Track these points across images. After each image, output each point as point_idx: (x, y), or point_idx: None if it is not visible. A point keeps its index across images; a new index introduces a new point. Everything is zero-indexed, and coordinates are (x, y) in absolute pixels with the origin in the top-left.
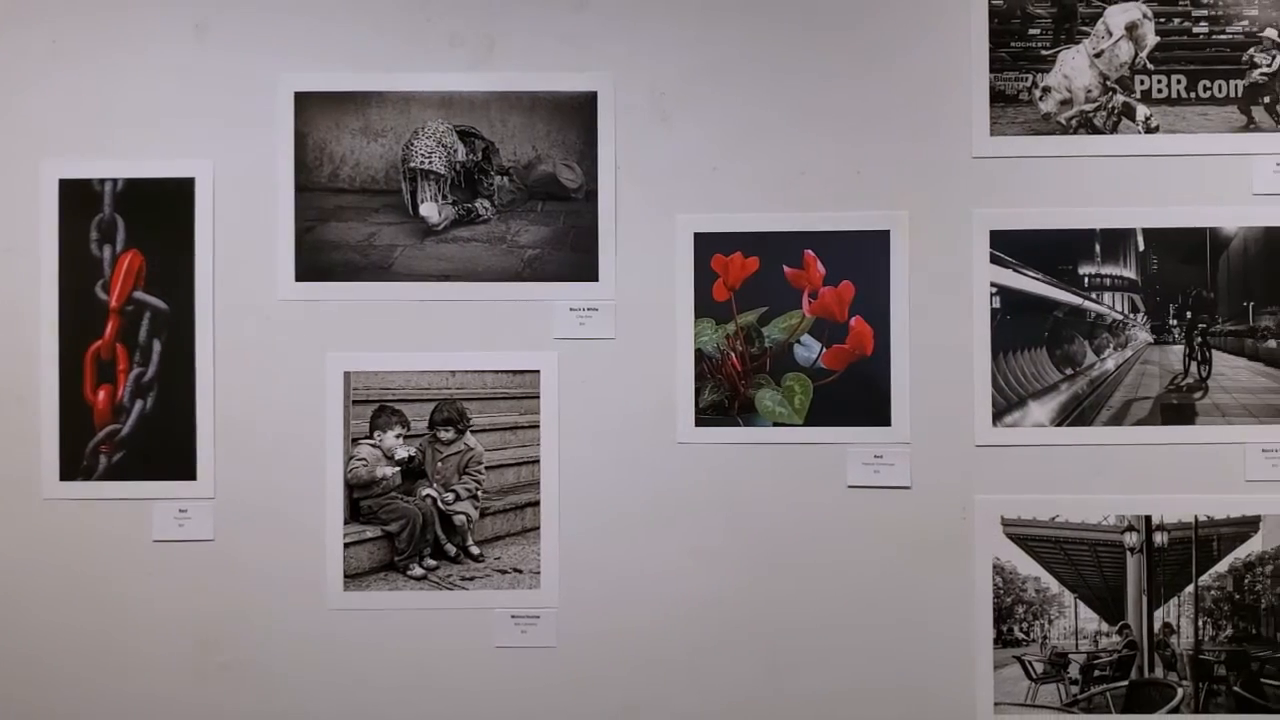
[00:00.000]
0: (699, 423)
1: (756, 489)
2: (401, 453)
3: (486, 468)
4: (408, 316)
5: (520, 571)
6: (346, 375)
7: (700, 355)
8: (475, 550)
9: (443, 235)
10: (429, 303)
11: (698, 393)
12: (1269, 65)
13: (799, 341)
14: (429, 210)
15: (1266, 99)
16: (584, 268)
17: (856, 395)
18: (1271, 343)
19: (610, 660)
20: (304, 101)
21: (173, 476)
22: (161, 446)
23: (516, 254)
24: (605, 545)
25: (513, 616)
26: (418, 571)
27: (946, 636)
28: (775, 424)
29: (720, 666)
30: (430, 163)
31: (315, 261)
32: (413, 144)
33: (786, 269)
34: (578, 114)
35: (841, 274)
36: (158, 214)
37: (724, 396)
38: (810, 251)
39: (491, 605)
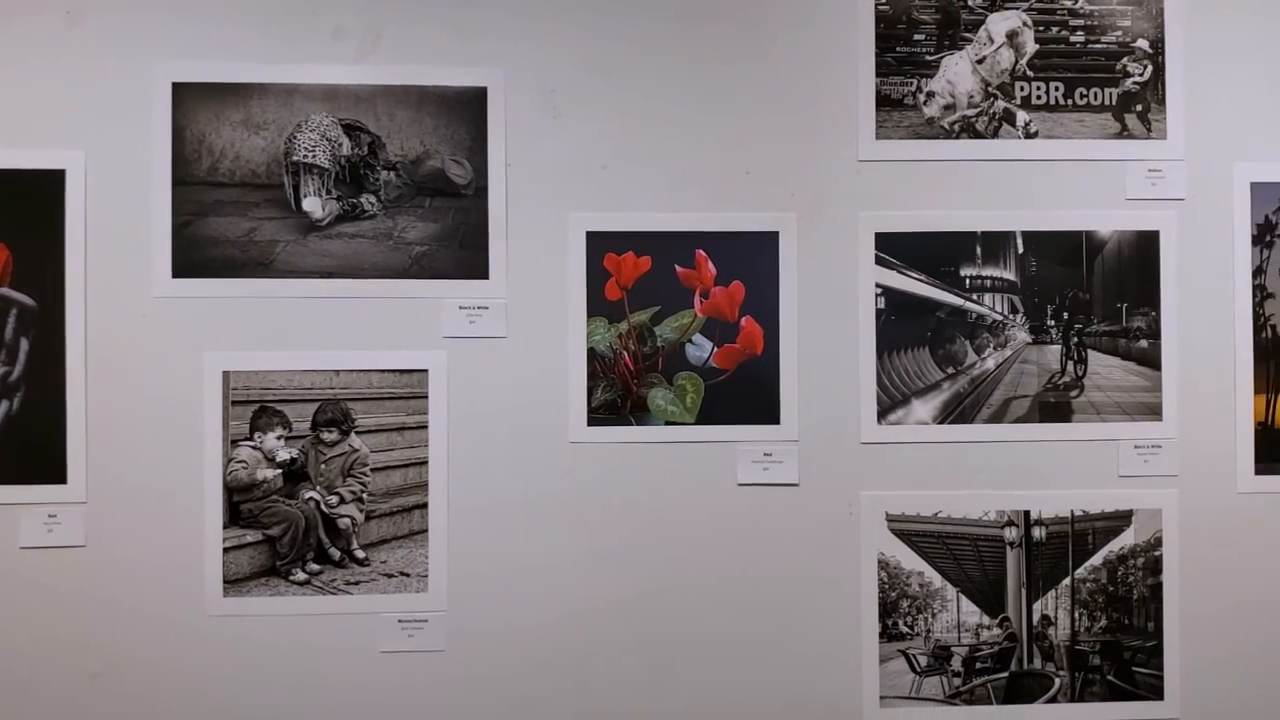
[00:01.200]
0: (591, 422)
1: (648, 488)
2: (283, 455)
3: (372, 469)
4: (290, 314)
5: (407, 575)
6: (225, 375)
7: (593, 354)
8: (360, 554)
9: (327, 231)
10: (312, 300)
11: (590, 392)
12: (1141, 75)
13: (691, 341)
14: (312, 205)
15: (1139, 107)
16: (474, 265)
17: (747, 394)
18: (1143, 343)
19: (500, 663)
20: (182, 92)
21: (41, 480)
22: (29, 449)
23: (404, 250)
24: (495, 547)
25: (399, 621)
26: (300, 576)
27: (833, 632)
28: (667, 423)
29: (610, 667)
30: (314, 156)
31: (193, 257)
32: (296, 137)
33: (678, 269)
34: (467, 109)
35: (732, 274)
36: (26, 207)
37: (616, 396)
38: (702, 251)
39: (377, 610)
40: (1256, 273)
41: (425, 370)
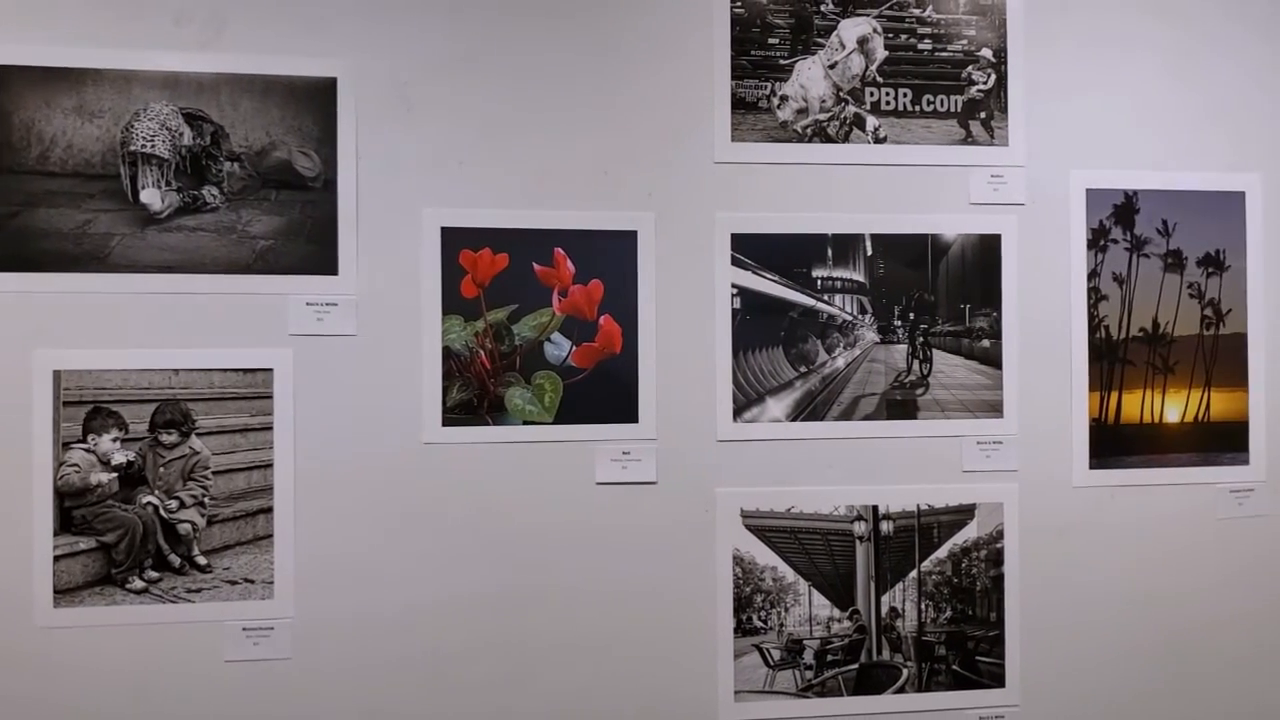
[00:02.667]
0: (446, 422)
1: (505, 488)
2: (119, 458)
3: (214, 472)
4: (126, 311)
5: (252, 582)
6: (56, 374)
7: (448, 353)
8: (202, 560)
9: (166, 224)
10: (150, 296)
11: (445, 392)
12: (985, 83)
13: (549, 339)
14: (151, 197)
15: (982, 114)
16: (322, 260)
17: (605, 393)
18: (985, 343)
19: (350, 671)
20: (7, 75)
21: None
22: None
23: (248, 245)
24: (345, 551)
25: (244, 629)
26: (138, 585)
27: (690, 628)
28: (525, 422)
29: (466, 670)
30: (153, 146)
31: (21, 251)
32: (133, 126)
33: (537, 266)
34: (315, 100)
35: (591, 273)
36: None
37: (473, 395)
38: (560, 249)
39: (221, 618)
40: (1091, 275)
41: (270, 369)
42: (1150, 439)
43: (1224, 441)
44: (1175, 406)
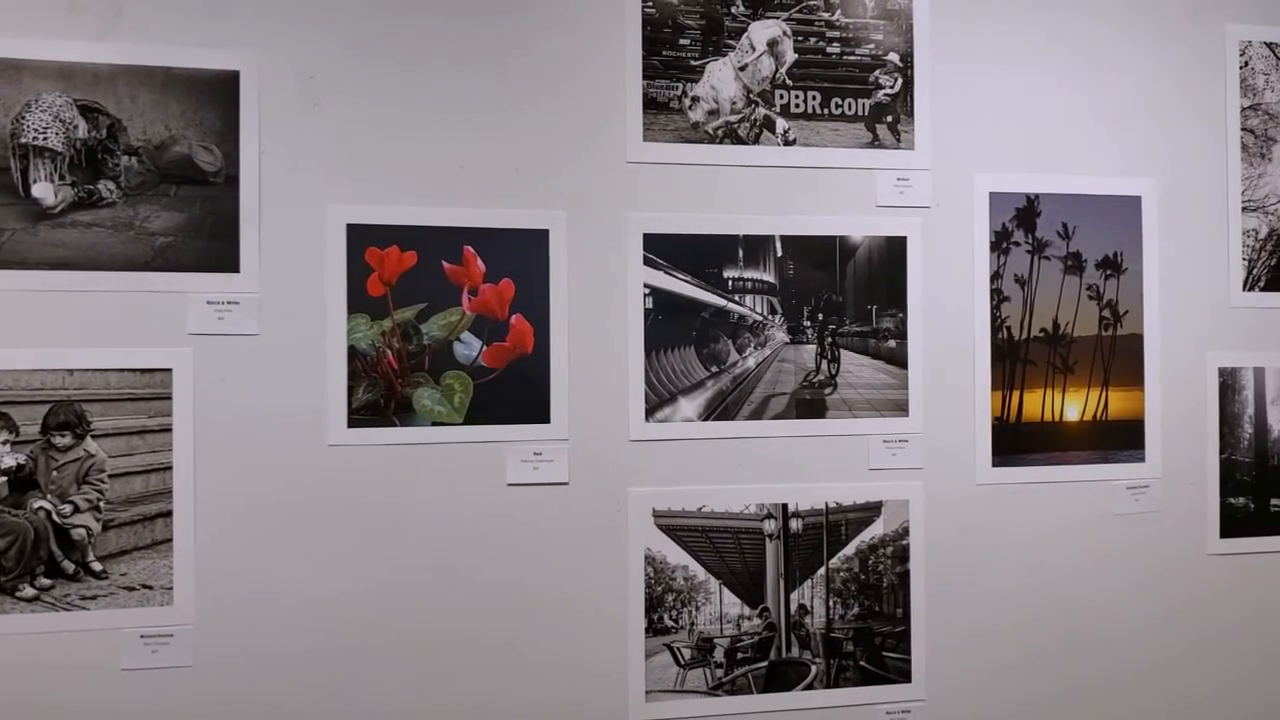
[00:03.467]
0: (352, 424)
1: (414, 491)
2: (9, 460)
3: (110, 476)
4: (17, 309)
5: (150, 588)
6: None
7: (354, 353)
8: (97, 566)
9: (59, 219)
10: (43, 293)
11: (351, 392)
12: (892, 87)
13: (459, 339)
14: (43, 191)
15: (889, 118)
16: (223, 258)
17: (517, 393)
18: (891, 343)
19: (253, 678)
20: None
21: None
22: None
23: (146, 241)
24: (248, 556)
25: (142, 636)
26: (29, 592)
27: (601, 628)
28: (434, 423)
29: (374, 675)
30: (45, 139)
31: None
32: (24, 117)
33: (446, 265)
34: (217, 93)
35: (502, 271)
36: None
37: (379, 396)
38: (470, 248)
39: (118, 625)
40: (994, 277)
41: (169, 369)
42: (1050, 437)
43: (1121, 439)
44: (1075, 405)
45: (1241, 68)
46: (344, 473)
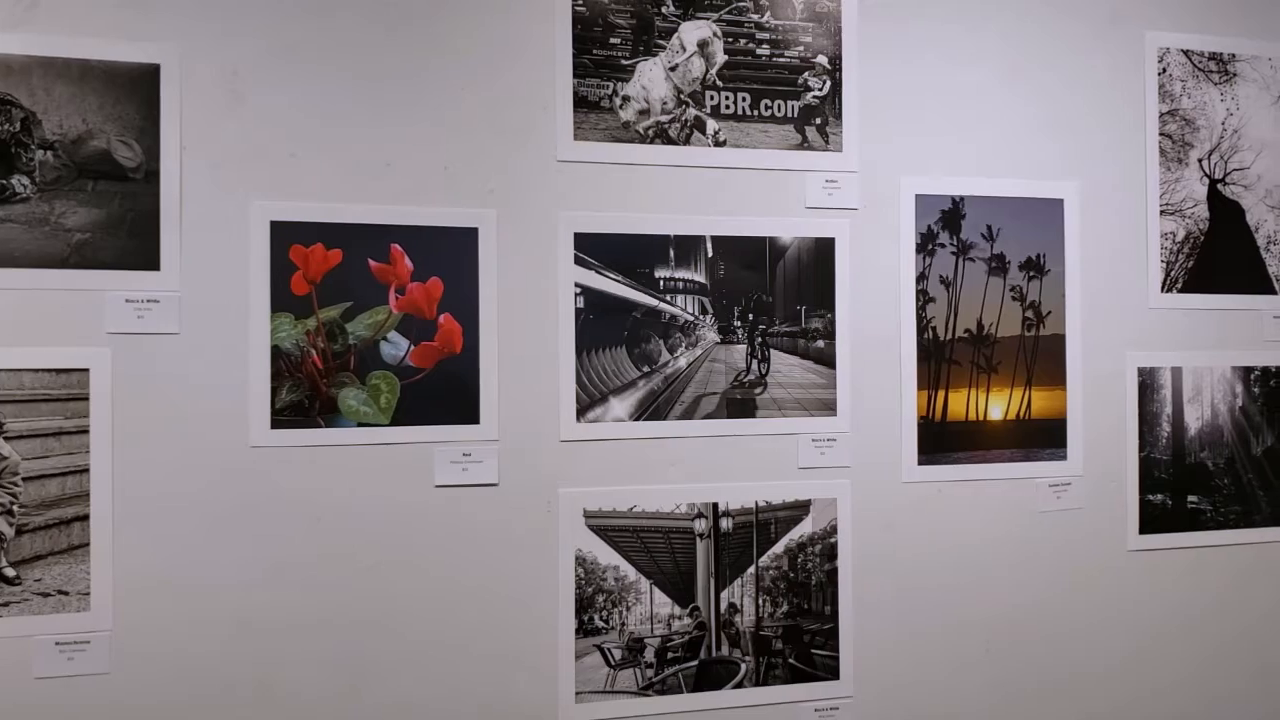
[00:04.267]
0: (275, 425)
1: (340, 493)
2: None
3: (24, 479)
4: None
5: (66, 593)
6: None
7: (277, 353)
8: (10, 572)
9: None
10: None
11: (274, 393)
12: (820, 89)
13: (385, 338)
14: None
15: (818, 120)
16: (143, 255)
17: (445, 393)
18: (820, 343)
19: (173, 685)
20: None
21: None
22: None
23: (62, 238)
24: (169, 560)
25: (57, 644)
26: None
27: (531, 630)
28: (360, 424)
29: (298, 681)
30: None
31: None
32: None
33: (372, 263)
34: (137, 87)
35: (430, 270)
36: None
37: (304, 396)
38: (397, 246)
39: (31, 632)
40: (920, 278)
41: (86, 369)
42: (975, 436)
43: (1044, 438)
44: (998, 404)
45: (1160, 74)
46: (267, 475)
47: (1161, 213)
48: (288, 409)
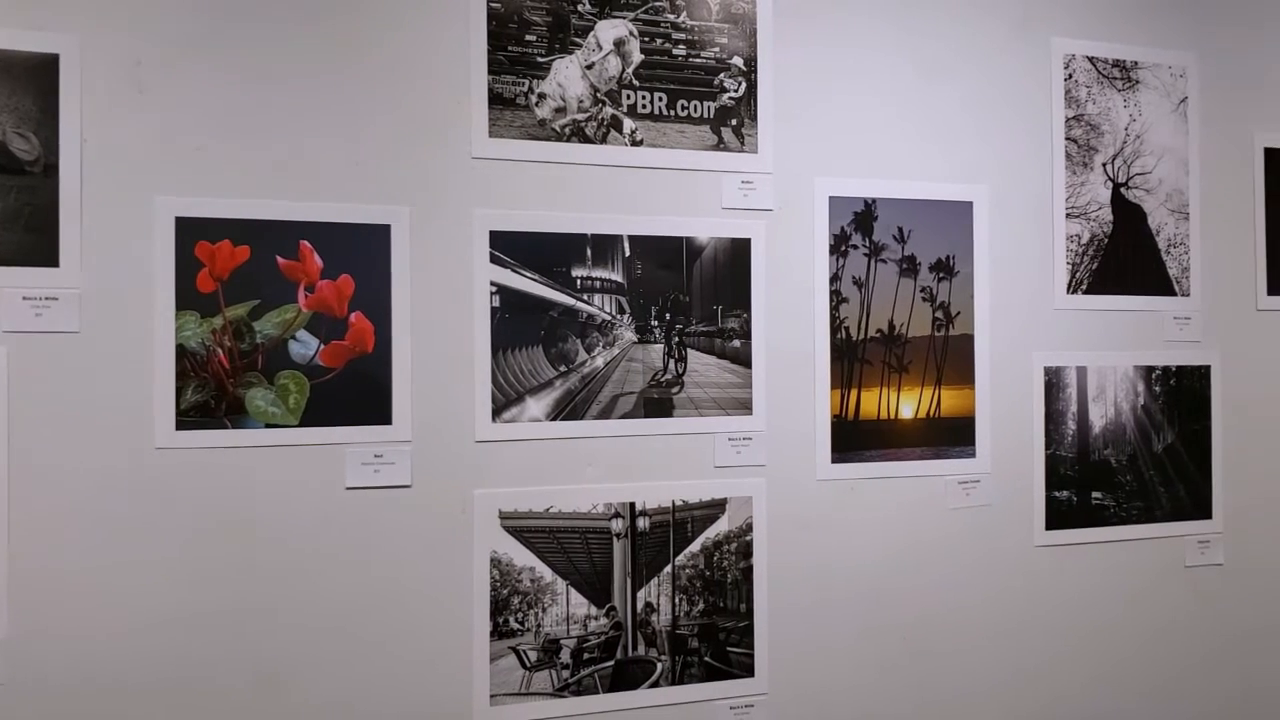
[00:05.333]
0: (180, 426)
1: (247, 496)
2: None
3: None
4: None
5: None
6: None
7: (182, 352)
8: None
9: None
10: None
11: (179, 393)
12: (736, 91)
13: (295, 337)
14: None
15: (734, 122)
16: (41, 251)
17: (356, 393)
18: (736, 342)
19: (72, 694)
20: None
21: None
22: None
23: None
24: (68, 565)
25: None
26: None
27: (445, 633)
28: (268, 425)
29: (205, 690)
30: None
31: None
32: None
33: (280, 260)
34: (35, 78)
35: (341, 267)
36: None
37: (210, 397)
38: (307, 243)
39: None
40: (833, 279)
41: None
42: (887, 434)
43: (953, 436)
44: (909, 403)
45: (1066, 80)
46: (172, 477)
47: (1067, 216)
48: (193, 410)
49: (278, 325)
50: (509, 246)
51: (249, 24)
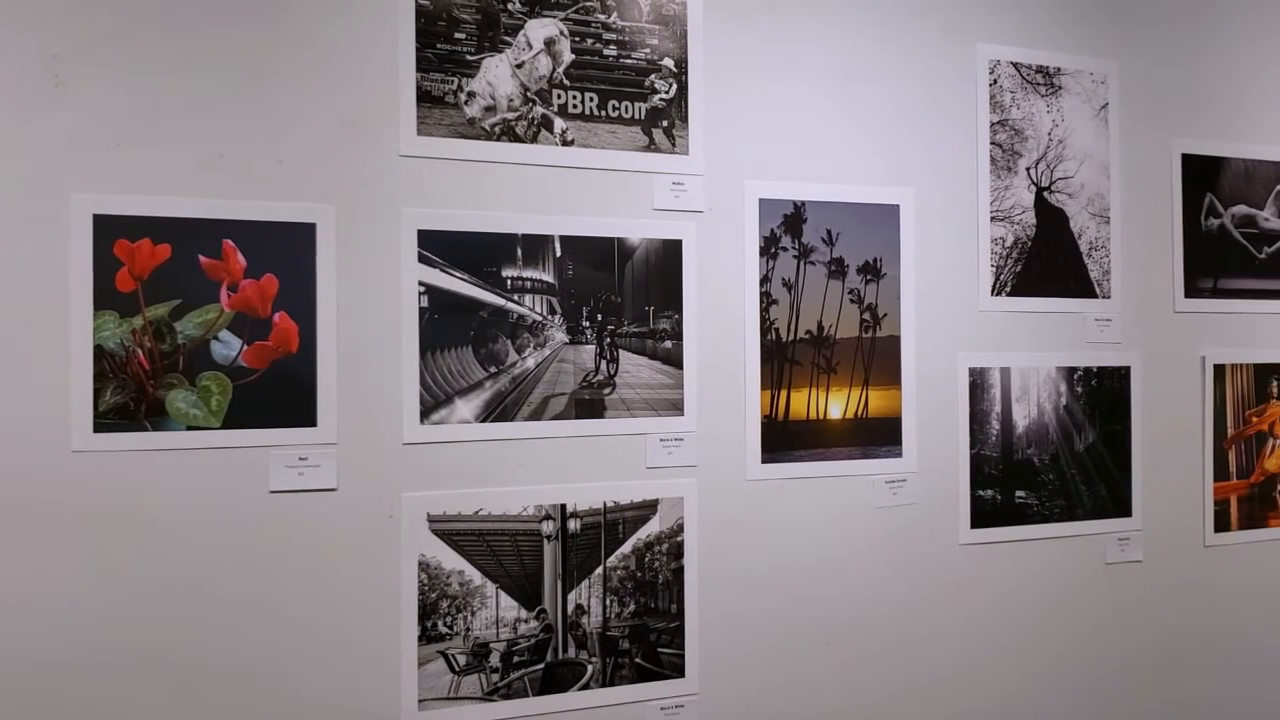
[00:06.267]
0: (98, 428)
1: (168, 499)
2: None
3: None
4: None
5: None
6: None
7: (101, 353)
8: None
9: None
10: None
11: (97, 394)
12: (667, 92)
13: (217, 338)
14: None
15: (665, 123)
16: None
17: (280, 395)
18: (668, 343)
19: None
20: None
21: None
22: None
23: None
24: None
25: None
26: None
27: (372, 638)
28: (189, 427)
29: (125, 701)
30: None
31: None
32: None
33: (203, 259)
34: None
35: (264, 267)
36: None
37: (129, 398)
38: (230, 241)
39: None
40: (763, 281)
41: None
42: (816, 434)
43: (880, 436)
44: (838, 404)
45: (991, 85)
46: (90, 480)
47: (992, 219)
48: (112, 412)
49: (200, 325)
50: (438, 246)
51: (171, 17)
